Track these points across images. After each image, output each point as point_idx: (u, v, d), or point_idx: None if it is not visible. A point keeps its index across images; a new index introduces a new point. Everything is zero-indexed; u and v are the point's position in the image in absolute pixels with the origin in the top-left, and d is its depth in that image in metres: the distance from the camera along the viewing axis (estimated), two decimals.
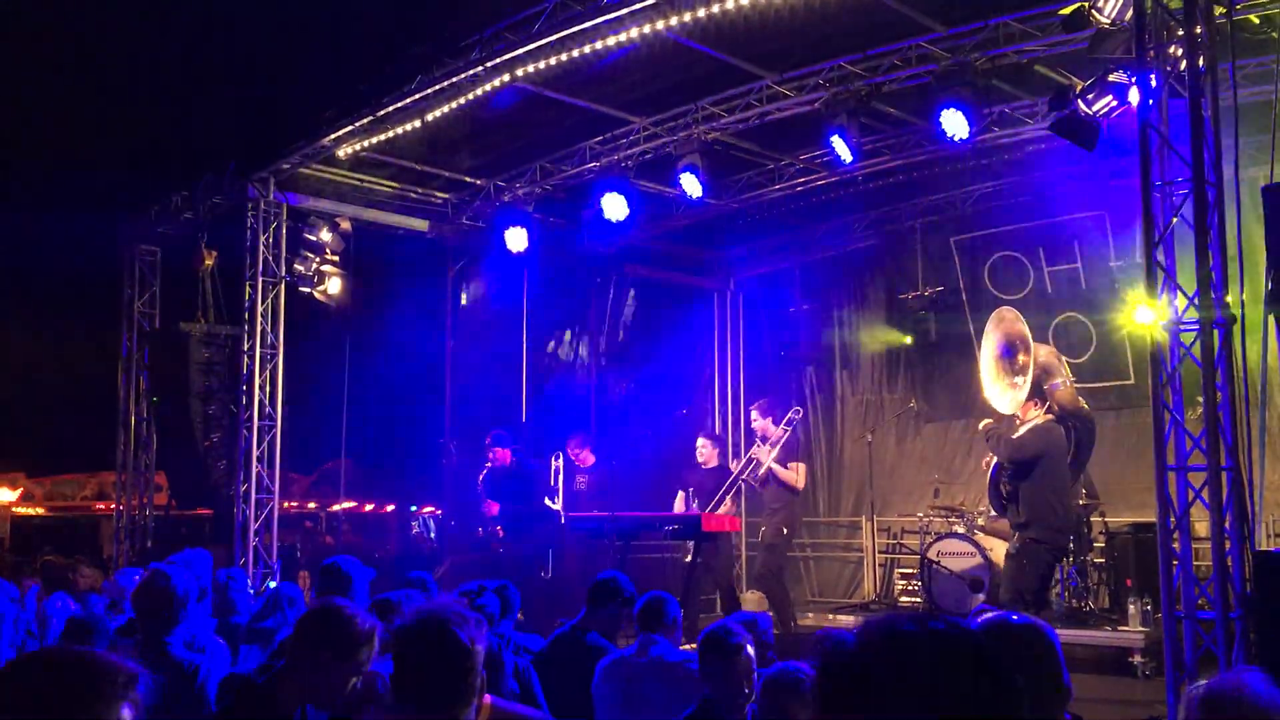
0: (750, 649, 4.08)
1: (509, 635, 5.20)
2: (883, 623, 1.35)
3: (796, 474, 10.04)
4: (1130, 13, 6.40)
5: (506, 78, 8.69)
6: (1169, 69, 6.12)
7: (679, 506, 10.22)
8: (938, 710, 1.26)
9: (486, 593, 5.00)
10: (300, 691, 3.22)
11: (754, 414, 10.36)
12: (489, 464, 10.62)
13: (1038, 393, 8.55)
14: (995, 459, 8.96)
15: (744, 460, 10.54)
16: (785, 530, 10.09)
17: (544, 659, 5.14)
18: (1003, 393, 8.89)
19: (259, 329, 10.36)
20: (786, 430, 10.16)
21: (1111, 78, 7.19)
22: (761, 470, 10.09)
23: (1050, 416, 8.59)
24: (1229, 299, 5.95)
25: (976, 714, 1.27)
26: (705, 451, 10.45)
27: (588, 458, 10.86)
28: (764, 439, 10.18)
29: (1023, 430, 8.49)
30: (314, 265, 10.64)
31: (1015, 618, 2.57)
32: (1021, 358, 8.86)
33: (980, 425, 9.05)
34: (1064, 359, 9.52)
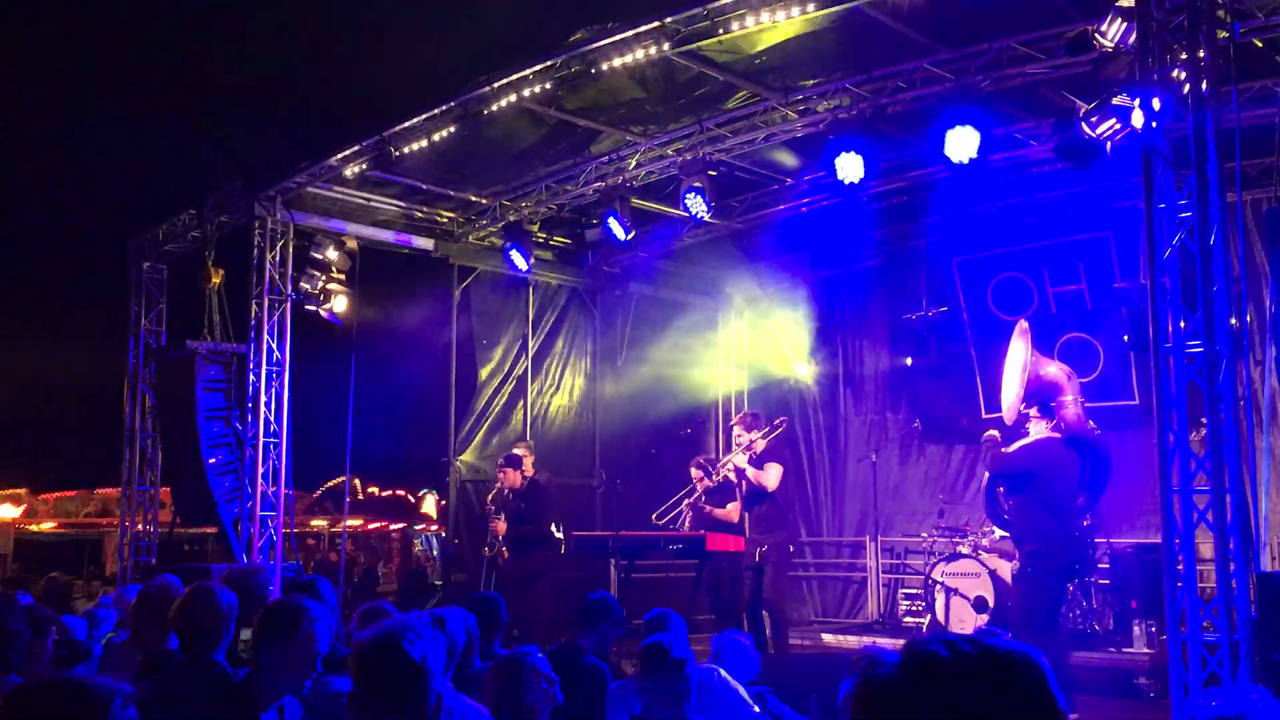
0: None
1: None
2: (925, 642, 1.37)
3: (766, 473, 9.33)
4: (1133, 36, 6.44)
5: (513, 98, 8.75)
6: (1172, 92, 6.15)
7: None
8: None
9: (447, 625, 4.30)
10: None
11: (737, 429, 9.80)
12: (499, 484, 10.63)
13: (1045, 410, 8.33)
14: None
15: (718, 466, 10.03)
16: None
17: None
18: (1013, 398, 8.80)
19: (265, 347, 10.40)
20: (770, 434, 9.65)
21: (1115, 100, 7.21)
22: (721, 474, 9.72)
23: (1056, 435, 8.40)
24: (1233, 321, 5.95)
25: None
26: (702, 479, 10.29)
27: (514, 478, 10.74)
28: (746, 449, 9.63)
29: (1017, 444, 8.28)
30: (320, 283, 10.67)
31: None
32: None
33: (984, 435, 8.92)
34: (1075, 378, 9.42)
